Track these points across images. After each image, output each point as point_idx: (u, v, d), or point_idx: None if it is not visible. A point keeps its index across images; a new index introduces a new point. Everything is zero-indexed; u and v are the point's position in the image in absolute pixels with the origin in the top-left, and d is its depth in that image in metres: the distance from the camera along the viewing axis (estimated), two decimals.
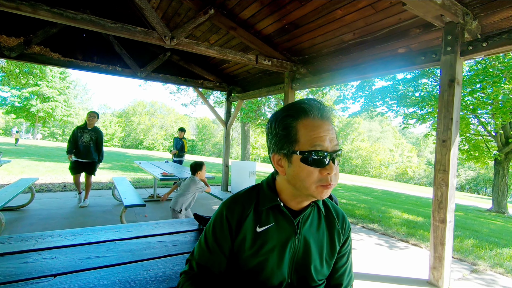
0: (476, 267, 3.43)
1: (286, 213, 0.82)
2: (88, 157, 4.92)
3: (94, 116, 5.07)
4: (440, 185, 2.86)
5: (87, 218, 4.30)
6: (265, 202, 0.83)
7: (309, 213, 0.85)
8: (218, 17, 4.24)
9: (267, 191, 0.85)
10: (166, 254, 1.25)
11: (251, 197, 0.86)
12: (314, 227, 0.86)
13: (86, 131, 4.96)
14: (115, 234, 1.43)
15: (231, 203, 0.85)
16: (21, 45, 5.07)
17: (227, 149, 7.44)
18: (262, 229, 0.81)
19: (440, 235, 2.83)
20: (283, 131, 0.76)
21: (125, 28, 3.56)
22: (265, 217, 0.82)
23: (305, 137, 0.73)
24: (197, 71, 6.71)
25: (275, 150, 0.79)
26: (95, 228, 1.51)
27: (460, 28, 2.77)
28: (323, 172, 0.71)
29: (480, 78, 6.94)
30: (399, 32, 3.33)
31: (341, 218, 0.92)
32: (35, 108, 30.96)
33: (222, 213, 0.83)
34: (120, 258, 1.17)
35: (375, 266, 3.23)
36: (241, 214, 0.82)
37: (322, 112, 0.75)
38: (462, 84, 2.92)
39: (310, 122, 0.74)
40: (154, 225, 1.62)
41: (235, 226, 0.81)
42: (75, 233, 1.42)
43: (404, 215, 6.47)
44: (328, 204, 0.93)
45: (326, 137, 0.72)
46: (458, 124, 2.85)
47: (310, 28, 3.89)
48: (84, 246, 1.27)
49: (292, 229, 0.82)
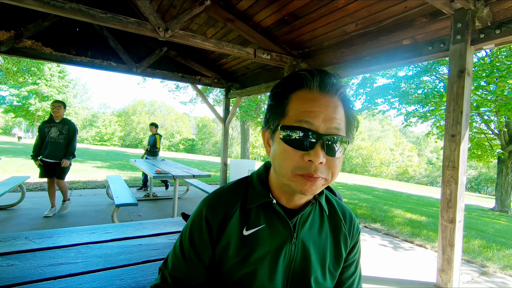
0: (486, 269, 3.26)
1: (280, 213, 0.65)
2: (57, 155, 4.08)
3: (60, 106, 4.21)
4: (449, 182, 2.69)
5: (79, 218, 4.14)
6: (254, 198, 0.66)
7: (309, 212, 0.69)
8: (215, 8, 4.07)
9: (258, 185, 0.69)
10: (144, 259, 1.08)
11: (238, 192, 0.69)
12: (315, 229, 0.69)
13: (53, 124, 4.12)
14: (90, 236, 1.26)
15: (213, 200, 0.68)
16: (12, 39, 4.89)
17: (225, 147, 7.27)
18: (250, 232, 0.64)
19: (449, 235, 2.67)
20: (274, 102, 0.61)
21: (117, 19, 3.40)
22: (254, 218, 0.66)
23: (294, 111, 0.57)
24: (195, 67, 6.54)
25: (264, 125, 0.64)
26: (69, 230, 1.34)
27: (471, 15, 2.60)
28: (305, 158, 0.55)
29: (487, 73, 6.75)
30: (404, 21, 3.16)
31: (348, 219, 0.75)
32: (33, 107, 30.79)
33: (202, 213, 0.66)
34: (88, 265, 1.00)
35: (379, 268, 3.07)
36: (224, 214, 0.65)
37: (322, 83, 0.58)
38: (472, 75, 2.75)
39: (306, 94, 0.58)
40: (137, 226, 1.46)
41: (217, 229, 0.65)
42: (44, 235, 1.25)
43: (407, 214, 6.31)
44: (332, 201, 0.76)
45: (319, 114, 0.55)
46: (468, 118, 2.68)
47: (311, 19, 3.72)
48: (50, 250, 1.10)
49: (288, 232, 0.65)
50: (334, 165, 0.58)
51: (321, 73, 0.59)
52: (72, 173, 8.49)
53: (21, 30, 4.95)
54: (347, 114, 0.61)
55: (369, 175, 37.00)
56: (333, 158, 0.57)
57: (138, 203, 3.44)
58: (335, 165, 0.58)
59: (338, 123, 0.57)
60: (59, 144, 4.10)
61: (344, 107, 0.61)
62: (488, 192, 34.26)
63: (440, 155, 44.79)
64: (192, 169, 4.80)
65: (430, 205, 9.99)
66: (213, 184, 8.31)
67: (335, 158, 0.57)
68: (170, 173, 3.86)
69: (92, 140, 42.99)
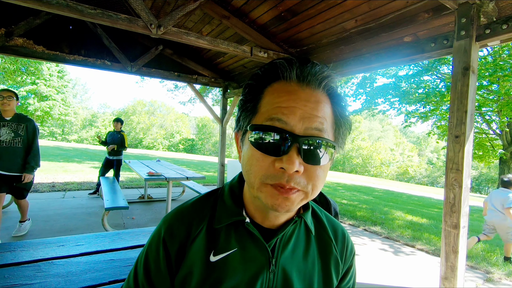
0: (490, 275, 3.13)
1: (254, 234, 0.52)
2: (14, 166, 3.01)
3: (11, 97, 3.06)
4: (452, 186, 2.56)
5: (70, 221, 4.01)
6: (223, 216, 0.54)
7: (291, 232, 0.56)
8: (210, 4, 3.95)
9: (228, 199, 0.56)
10: (112, 279, 0.95)
11: (204, 209, 0.56)
12: (299, 253, 0.56)
13: (4, 122, 3.01)
14: (57, 250, 1.13)
15: (173, 218, 0.55)
16: (2, 37, 4.77)
17: (223, 148, 7.14)
18: (218, 258, 0.52)
19: (452, 242, 2.54)
20: (245, 97, 0.49)
21: (106, 15, 3.27)
22: (223, 240, 0.53)
23: (266, 106, 0.46)
24: (191, 66, 6.42)
25: (236, 125, 0.53)
26: (36, 242, 1.21)
27: (476, 9, 2.47)
28: (277, 165, 0.43)
29: (490, 72, 6.63)
30: (406, 17, 3.03)
31: (340, 238, 0.62)
32: (32, 107, 30.67)
33: (159, 235, 0.54)
34: (45, 287, 0.87)
35: (380, 274, 2.94)
36: (186, 236, 0.53)
37: (301, 73, 0.46)
38: (477, 73, 2.62)
39: (281, 86, 0.46)
40: (114, 237, 1.33)
41: (176, 255, 0.52)
42: (5, 248, 1.12)
43: (408, 217, 6.18)
44: (321, 217, 0.63)
45: (295, 110, 0.44)
46: (472, 118, 2.56)
47: (309, 15, 3.59)
48: (7, 268, 0.98)
49: (265, 258, 0.53)
50: (315, 175, 0.45)
51: (302, 61, 0.47)
52: (68, 174, 8.38)
53: (12, 27, 4.83)
54: (336, 112, 0.49)
55: (369, 175, 36.86)
56: (314, 167, 0.45)
57: (128, 207, 3.31)
58: (317, 176, 0.45)
59: (321, 123, 0.45)
60: (14, 150, 3.03)
61: (332, 103, 0.48)
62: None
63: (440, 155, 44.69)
64: (186, 171, 4.68)
65: (431, 206, 9.86)
66: (209, 185, 8.19)
67: (317, 167, 0.45)
68: (163, 175, 3.73)
69: (92, 140, 42.87)
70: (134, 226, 3.91)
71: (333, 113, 0.48)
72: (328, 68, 0.49)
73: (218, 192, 0.60)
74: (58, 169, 9.27)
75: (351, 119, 0.52)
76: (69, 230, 3.65)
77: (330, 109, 0.48)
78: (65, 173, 8.53)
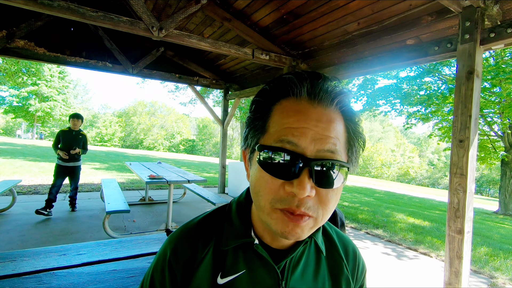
0: (494, 280, 3.10)
1: (263, 257, 0.50)
2: None
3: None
4: (456, 190, 2.53)
5: (71, 224, 3.99)
6: (231, 238, 0.52)
7: (301, 253, 0.54)
8: (211, 7, 3.94)
9: (236, 219, 0.54)
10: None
11: (211, 228, 0.54)
12: (309, 274, 0.54)
13: None
14: (58, 259, 1.11)
15: (179, 239, 0.53)
16: (4, 38, 4.77)
17: (224, 149, 7.13)
18: (226, 281, 0.50)
19: (456, 247, 2.51)
20: (253, 114, 0.47)
21: (108, 17, 3.26)
22: (231, 262, 0.51)
23: (275, 126, 0.43)
24: (192, 68, 6.41)
25: (243, 143, 0.51)
26: (37, 250, 1.19)
27: (480, 13, 2.45)
28: (287, 189, 0.41)
29: (492, 75, 6.60)
30: (409, 20, 3.01)
31: (352, 257, 0.60)
32: (33, 107, 30.71)
33: (165, 256, 0.52)
34: None
35: (383, 279, 2.91)
36: (192, 258, 0.51)
37: (313, 89, 0.43)
38: (481, 76, 2.60)
39: (290, 104, 0.44)
40: (116, 245, 1.31)
41: (181, 277, 0.50)
42: (7, 258, 1.10)
43: (410, 219, 6.15)
44: (331, 235, 0.61)
45: (306, 132, 0.41)
46: (477, 122, 2.53)
47: (311, 17, 3.58)
48: (8, 279, 0.96)
49: (274, 280, 0.50)
50: (327, 199, 0.43)
51: (313, 76, 0.44)
52: None
53: (13, 29, 4.82)
54: (349, 130, 0.46)
55: (370, 177, 36.79)
56: (326, 190, 0.42)
57: (130, 210, 3.29)
58: (329, 199, 0.43)
59: (334, 144, 0.42)
60: None
61: (345, 121, 0.46)
62: (491, 194, 34.01)
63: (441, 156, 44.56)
64: (188, 173, 4.66)
65: (432, 208, 9.83)
66: (210, 187, 8.17)
67: (330, 190, 0.43)
68: (164, 178, 3.71)
69: (93, 141, 42.90)
70: (135, 229, 3.89)
71: (346, 131, 0.46)
72: (341, 82, 0.47)
73: (225, 210, 0.58)
74: None
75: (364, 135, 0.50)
76: (70, 233, 3.63)
77: (343, 127, 0.45)
78: None
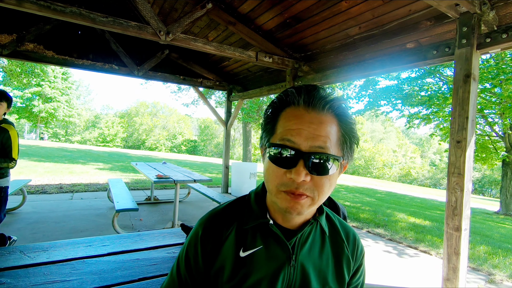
0: (492, 277, 3.19)
1: (277, 234, 0.62)
2: None
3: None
4: (454, 189, 2.63)
5: (80, 223, 4.11)
6: (251, 219, 0.65)
7: (308, 233, 0.66)
8: (216, 11, 4.05)
9: (254, 204, 0.67)
10: (141, 276, 1.04)
11: (234, 212, 0.67)
12: (315, 251, 0.66)
13: None
14: (86, 250, 1.22)
15: (208, 221, 0.66)
16: (14, 42, 4.90)
17: (227, 150, 7.24)
18: (247, 254, 0.62)
19: (454, 244, 2.61)
20: (266, 120, 0.63)
21: (117, 22, 3.38)
22: (251, 239, 0.63)
23: (280, 128, 0.59)
24: (197, 70, 6.52)
25: (260, 142, 0.66)
26: (65, 242, 1.30)
27: (477, 19, 2.55)
28: (288, 175, 0.56)
29: (492, 75, 6.67)
30: (409, 25, 3.11)
31: (352, 240, 0.72)
32: (37, 108, 30.98)
33: (197, 235, 0.64)
34: (83, 283, 0.97)
35: (384, 276, 3.01)
36: (219, 235, 0.63)
37: (306, 99, 0.57)
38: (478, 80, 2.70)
39: (292, 111, 0.58)
40: (135, 238, 1.42)
41: (211, 251, 0.62)
42: (39, 248, 1.21)
43: (411, 219, 6.23)
44: (334, 221, 0.73)
45: (301, 132, 0.55)
46: (474, 124, 2.63)
47: (313, 22, 3.68)
48: (45, 266, 1.07)
49: (286, 255, 0.62)
50: (321, 184, 0.56)
51: (308, 89, 0.58)
52: (74, 175, 8.52)
53: (23, 33, 4.96)
54: (343, 130, 0.59)
55: (372, 177, 36.79)
56: (319, 177, 0.56)
57: (138, 208, 3.40)
58: (322, 184, 0.56)
59: (323, 141, 0.55)
60: None
61: (338, 122, 0.59)
62: (492, 195, 33.95)
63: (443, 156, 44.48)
64: (193, 173, 4.77)
65: (433, 208, 9.89)
66: (214, 187, 8.28)
67: (323, 177, 0.56)
68: (171, 178, 3.82)
69: (95, 141, 43.16)
70: (143, 228, 4.00)
71: (338, 131, 0.58)
72: (334, 92, 0.60)
73: (245, 198, 0.70)
74: (64, 171, 9.41)
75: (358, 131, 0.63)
76: (79, 231, 3.75)
77: (336, 127, 0.58)
78: (71, 175, 8.67)
